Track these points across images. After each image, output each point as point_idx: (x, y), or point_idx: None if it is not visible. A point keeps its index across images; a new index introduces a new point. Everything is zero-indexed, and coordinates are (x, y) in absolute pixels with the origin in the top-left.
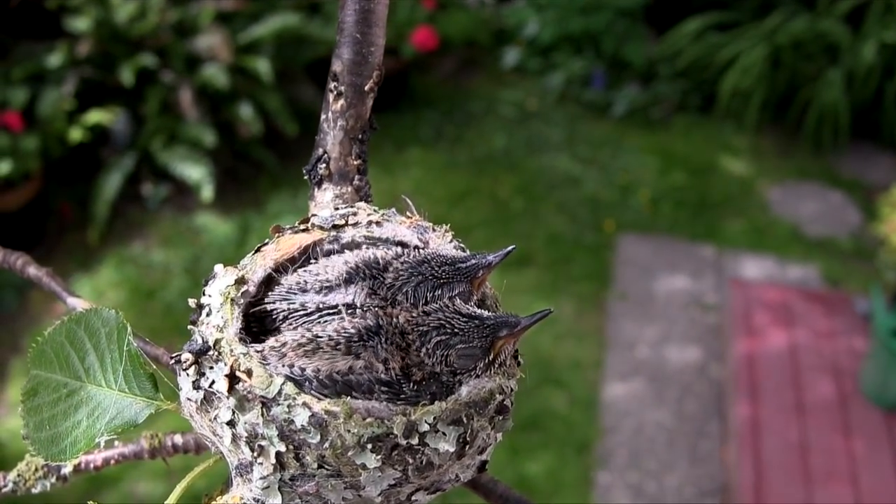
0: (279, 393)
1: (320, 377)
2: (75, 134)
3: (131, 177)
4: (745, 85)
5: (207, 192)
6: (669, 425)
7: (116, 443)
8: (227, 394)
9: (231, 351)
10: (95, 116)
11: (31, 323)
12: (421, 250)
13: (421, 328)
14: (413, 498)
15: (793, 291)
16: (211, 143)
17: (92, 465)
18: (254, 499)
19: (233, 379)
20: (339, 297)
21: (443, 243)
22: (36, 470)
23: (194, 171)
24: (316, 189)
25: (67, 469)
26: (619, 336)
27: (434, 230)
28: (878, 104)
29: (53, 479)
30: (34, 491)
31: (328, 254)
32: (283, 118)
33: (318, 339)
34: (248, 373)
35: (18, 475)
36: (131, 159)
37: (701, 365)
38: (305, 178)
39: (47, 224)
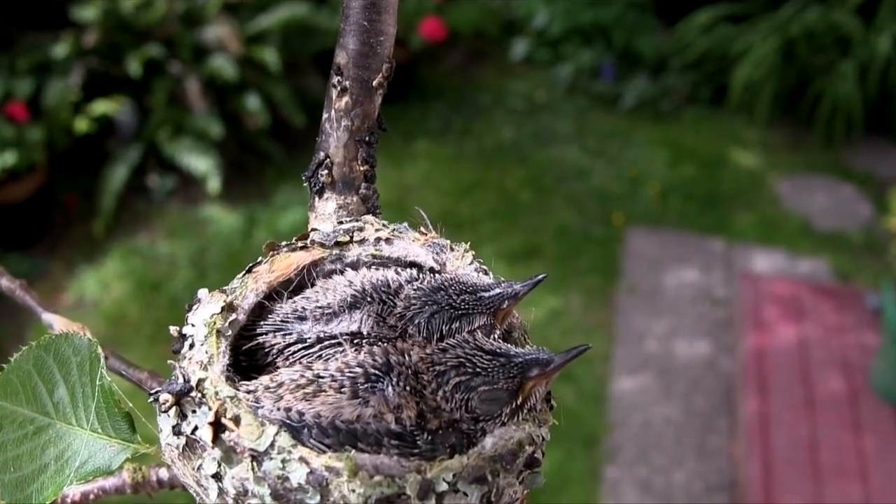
0: (272, 445)
1: (322, 424)
2: (81, 125)
3: (137, 168)
4: (757, 77)
5: (215, 184)
6: (678, 420)
7: None
8: (211, 444)
9: (216, 393)
10: (101, 107)
11: (35, 314)
12: (437, 274)
13: (437, 367)
14: None
15: (803, 285)
16: (218, 135)
17: (70, 500)
18: None
19: (218, 427)
20: (342, 326)
21: (462, 265)
22: None
23: (201, 163)
24: (316, 198)
25: None
26: (628, 330)
27: (452, 249)
28: (890, 97)
29: None
30: None
31: (329, 275)
32: (291, 109)
33: (320, 380)
34: (236, 420)
35: None
36: (137, 151)
37: (710, 359)
38: (305, 185)
39: (53, 216)
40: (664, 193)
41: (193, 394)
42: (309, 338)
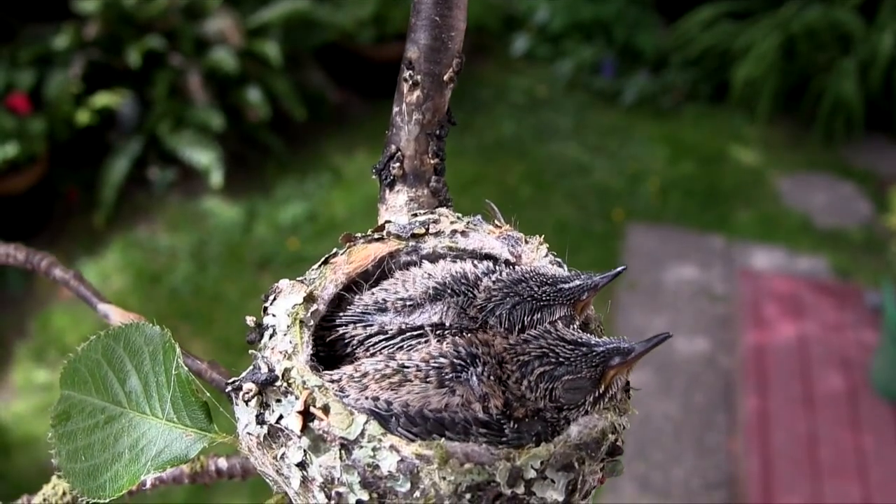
0: (362, 434)
1: (410, 413)
2: (82, 117)
3: (138, 161)
4: (757, 74)
5: (217, 178)
6: (677, 416)
7: None
8: (299, 433)
9: (303, 383)
10: (102, 99)
11: (37, 305)
12: (515, 266)
13: (521, 357)
14: None
15: (802, 283)
16: (219, 128)
17: (125, 491)
18: None
19: (307, 416)
20: (423, 318)
21: (537, 258)
22: (63, 494)
23: (203, 156)
24: (387, 191)
25: None
26: (628, 326)
27: (527, 242)
28: (891, 95)
29: None
30: None
31: (406, 266)
32: (292, 103)
33: (405, 370)
34: (325, 409)
35: (44, 500)
36: (138, 143)
37: (709, 356)
38: (374, 178)
39: (53, 207)
40: (664, 190)
41: (278, 383)
42: (391, 329)
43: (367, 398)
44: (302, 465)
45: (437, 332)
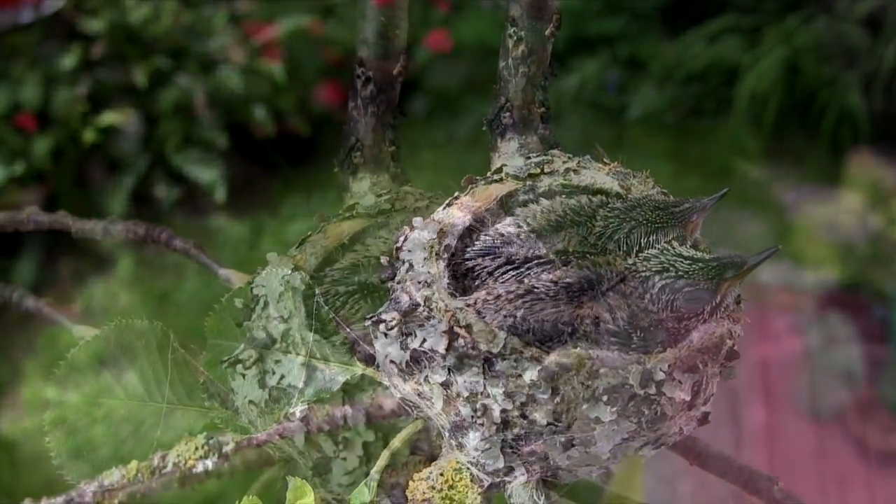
0: (504, 347)
1: (545, 327)
2: (88, 135)
3: (144, 178)
4: (762, 88)
5: (220, 194)
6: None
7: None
8: (444, 352)
9: (445, 306)
10: (108, 118)
11: (45, 324)
12: (627, 196)
13: (642, 274)
14: (639, 452)
15: (809, 296)
16: (224, 145)
17: (255, 442)
18: (470, 462)
19: (451, 336)
20: (547, 247)
21: (646, 189)
22: (196, 449)
23: (207, 174)
24: (499, 139)
25: (229, 447)
26: None
27: (635, 176)
28: None
29: (215, 458)
30: (195, 471)
31: (524, 204)
32: (297, 120)
33: (535, 290)
34: (468, 328)
35: (178, 455)
36: (144, 161)
37: None
38: (485, 129)
39: None
40: None
41: (419, 310)
42: (517, 259)
43: (503, 316)
44: (446, 384)
45: (562, 257)
